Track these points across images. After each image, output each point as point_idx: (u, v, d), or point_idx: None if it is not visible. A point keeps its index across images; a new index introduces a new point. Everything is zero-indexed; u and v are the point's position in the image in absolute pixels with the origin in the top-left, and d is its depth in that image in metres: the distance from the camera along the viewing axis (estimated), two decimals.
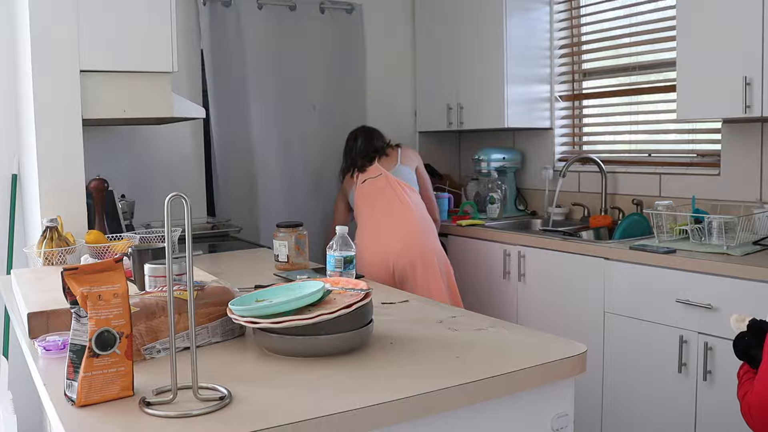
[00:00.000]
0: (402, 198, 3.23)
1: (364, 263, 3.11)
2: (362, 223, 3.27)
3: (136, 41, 2.49)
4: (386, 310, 1.84)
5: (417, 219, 3.20)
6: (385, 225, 3.18)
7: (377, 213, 3.23)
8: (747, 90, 2.54)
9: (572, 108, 3.85)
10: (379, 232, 3.17)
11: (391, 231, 3.15)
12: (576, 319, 2.98)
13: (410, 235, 3.14)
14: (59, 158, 2.43)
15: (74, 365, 1.19)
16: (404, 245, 3.11)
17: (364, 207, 3.29)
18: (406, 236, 3.14)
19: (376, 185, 3.28)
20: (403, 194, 3.24)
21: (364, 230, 3.24)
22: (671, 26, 3.15)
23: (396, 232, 3.15)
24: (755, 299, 2.32)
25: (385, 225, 3.18)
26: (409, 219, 3.18)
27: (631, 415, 2.78)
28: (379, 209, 3.23)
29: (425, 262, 3.11)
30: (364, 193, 3.30)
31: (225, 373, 1.35)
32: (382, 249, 3.12)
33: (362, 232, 3.24)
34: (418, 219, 3.20)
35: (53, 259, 2.24)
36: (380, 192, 3.26)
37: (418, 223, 3.19)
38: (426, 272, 3.11)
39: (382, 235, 3.15)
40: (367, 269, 3.06)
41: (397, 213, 3.19)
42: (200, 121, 3.67)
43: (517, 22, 3.70)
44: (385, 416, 1.19)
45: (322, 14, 4.02)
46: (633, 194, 3.41)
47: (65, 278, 1.21)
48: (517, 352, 1.47)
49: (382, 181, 3.28)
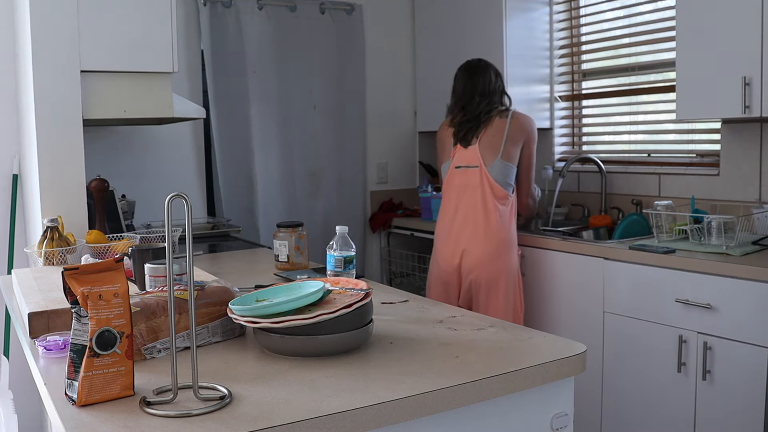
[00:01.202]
0: (490, 208, 2.99)
1: (435, 260, 3.11)
2: (443, 215, 3.13)
3: (136, 41, 2.49)
4: (386, 310, 1.84)
5: (495, 237, 2.98)
6: (463, 234, 3.02)
7: (461, 214, 3.04)
8: (746, 90, 2.54)
9: (572, 108, 3.85)
10: (457, 240, 3.03)
11: (467, 244, 3.00)
12: (576, 319, 2.98)
13: (483, 255, 2.97)
14: (60, 158, 2.43)
15: (75, 365, 1.20)
16: (474, 263, 2.98)
17: (450, 198, 3.10)
18: (479, 254, 2.97)
19: (469, 179, 3.03)
20: (492, 203, 2.99)
21: (442, 227, 3.12)
22: (671, 26, 3.16)
23: (471, 247, 2.99)
24: (755, 299, 2.33)
25: (463, 234, 3.02)
26: (488, 237, 2.98)
27: (631, 415, 2.78)
28: (463, 211, 3.04)
29: (489, 285, 2.98)
30: (454, 184, 3.08)
31: (225, 372, 1.35)
32: (454, 258, 3.03)
33: (440, 226, 3.13)
34: (495, 237, 2.98)
35: (54, 259, 2.25)
36: (471, 191, 3.03)
37: (494, 242, 2.98)
38: (488, 295, 2.99)
39: (459, 246, 3.02)
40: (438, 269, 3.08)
41: (479, 225, 2.99)
42: (200, 122, 3.68)
43: (517, 22, 3.71)
44: (385, 416, 1.19)
45: (322, 15, 4.02)
46: (632, 194, 3.41)
47: (66, 278, 1.21)
48: (517, 352, 1.47)
49: (476, 176, 3.02)
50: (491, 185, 3.00)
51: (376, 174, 4.34)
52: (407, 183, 4.46)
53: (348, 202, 4.20)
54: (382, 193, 4.35)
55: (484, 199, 3.00)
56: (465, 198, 3.05)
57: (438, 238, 3.15)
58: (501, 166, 3.01)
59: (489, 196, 3.00)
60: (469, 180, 3.04)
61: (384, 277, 4.28)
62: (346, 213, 4.17)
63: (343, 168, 4.16)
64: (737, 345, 2.38)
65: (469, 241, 3.01)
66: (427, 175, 4.23)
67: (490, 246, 2.97)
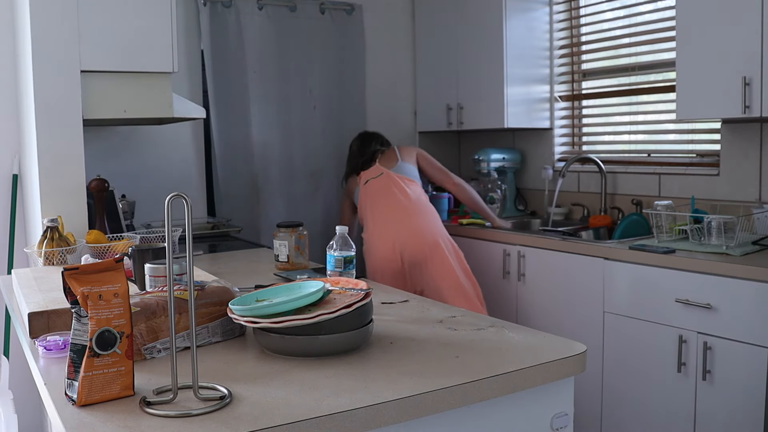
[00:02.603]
0: (403, 192, 3.30)
1: (374, 258, 3.22)
2: (368, 221, 3.34)
3: (136, 41, 2.49)
4: (386, 310, 1.84)
5: (420, 208, 3.29)
6: (390, 219, 3.26)
7: (381, 209, 3.30)
8: (746, 90, 2.54)
9: (572, 108, 3.85)
10: (385, 226, 3.25)
11: (396, 224, 3.23)
12: (576, 319, 2.98)
13: (414, 224, 3.22)
14: (60, 158, 2.44)
15: (75, 365, 1.20)
16: (409, 234, 3.20)
17: (368, 206, 3.35)
18: (411, 225, 3.22)
19: (379, 184, 3.36)
20: (404, 188, 3.31)
21: (369, 227, 3.32)
22: (671, 26, 3.16)
23: (400, 224, 3.23)
24: (754, 299, 2.33)
25: (389, 219, 3.26)
26: (412, 209, 3.26)
27: (631, 415, 2.78)
28: (382, 205, 3.30)
29: (432, 246, 3.19)
30: (368, 193, 3.37)
31: (225, 372, 1.35)
32: (390, 241, 3.20)
33: (368, 229, 3.32)
34: (420, 208, 3.29)
35: (54, 259, 2.25)
36: (383, 189, 3.33)
37: (421, 211, 3.28)
38: (434, 256, 3.18)
39: (388, 229, 3.23)
40: (378, 263, 3.18)
41: (400, 205, 3.27)
42: (200, 121, 3.68)
43: (517, 22, 3.71)
44: (385, 416, 1.19)
45: (322, 15, 4.02)
46: (632, 194, 3.42)
47: (66, 278, 1.21)
48: (517, 352, 1.47)
49: (383, 179, 3.36)
50: (399, 177, 3.35)
51: None
52: None
53: None
54: None
55: (397, 188, 3.31)
56: (380, 197, 3.32)
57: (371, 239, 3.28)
58: (402, 166, 3.40)
59: (399, 184, 3.32)
60: (378, 183, 3.37)
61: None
62: None
63: (343, 168, 4.14)
64: (737, 345, 2.38)
65: (396, 222, 3.23)
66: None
67: (417, 215, 3.25)
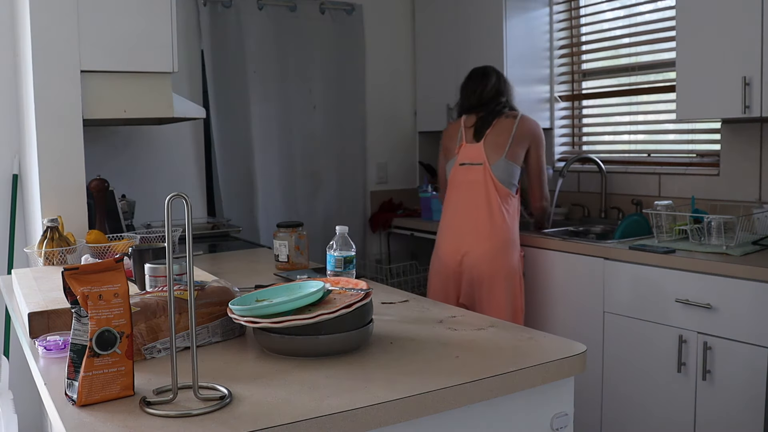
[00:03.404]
0: (492, 206, 3.00)
1: (437, 255, 3.14)
2: (446, 213, 3.16)
3: (136, 41, 2.49)
4: (386, 310, 1.84)
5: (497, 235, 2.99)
6: (466, 231, 3.05)
7: (462, 212, 3.08)
8: (746, 90, 2.54)
9: (572, 108, 3.86)
10: (460, 236, 3.06)
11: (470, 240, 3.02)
12: (576, 319, 2.98)
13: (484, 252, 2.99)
14: (60, 158, 2.43)
15: (75, 365, 1.19)
16: (477, 260, 3.00)
17: (453, 194, 3.14)
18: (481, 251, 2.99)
19: (473, 177, 3.06)
20: (496, 201, 3.00)
21: (445, 222, 3.15)
22: (671, 26, 3.16)
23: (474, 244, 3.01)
24: (754, 299, 2.33)
25: (465, 230, 3.05)
26: (491, 232, 3.00)
27: (631, 415, 2.78)
28: (466, 207, 3.07)
29: (490, 282, 2.99)
30: (457, 180, 3.12)
31: (225, 372, 1.35)
32: (456, 255, 3.05)
33: (444, 222, 3.16)
34: (497, 235, 2.99)
35: (54, 259, 2.25)
36: (474, 188, 3.05)
37: (495, 239, 2.99)
38: (492, 291, 2.99)
39: (461, 242, 3.04)
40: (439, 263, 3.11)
41: (480, 222, 3.01)
42: (200, 121, 3.68)
43: (517, 22, 3.71)
44: (385, 416, 1.19)
45: (322, 15, 4.02)
46: (632, 194, 3.42)
47: (66, 278, 1.21)
48: (517, 352, 1.47)
49: (479, 174, 3.04)
50: (494, 183, 3.02)
51: (376, 174, 4.34)
52: (407, 183, 4.46)
53: (348, 202, 4.20)
54: (382, 193, 4.35)
55: (487, 197, 3.02)
56: (468, 194, 3.07)
57: (441, 234, 3.17)
58: (505, 164, 3.03)
59: (492, 193, 3.02)
60: (472, 177, 3.06)
61: (384, 277, 4.28)
62: (346, 213, 4.17)
63: (342, 168, 4.17)
64: (737, 345, 2.38)
65: (471, 237, 3.02)
66: (427, 175, 4.23)
67: (491, 243, 2.99)
